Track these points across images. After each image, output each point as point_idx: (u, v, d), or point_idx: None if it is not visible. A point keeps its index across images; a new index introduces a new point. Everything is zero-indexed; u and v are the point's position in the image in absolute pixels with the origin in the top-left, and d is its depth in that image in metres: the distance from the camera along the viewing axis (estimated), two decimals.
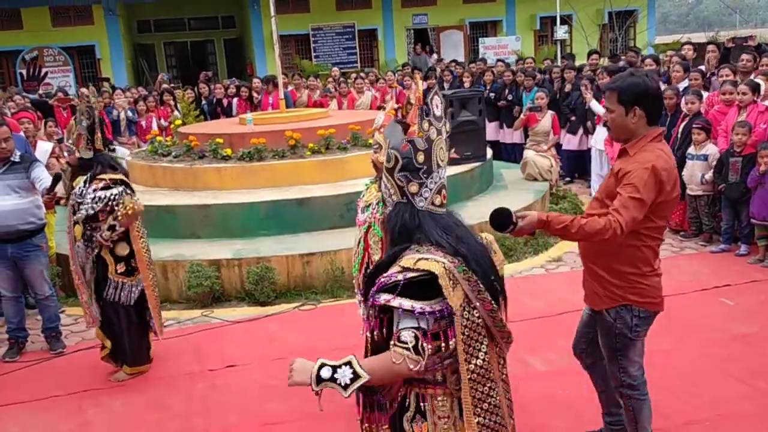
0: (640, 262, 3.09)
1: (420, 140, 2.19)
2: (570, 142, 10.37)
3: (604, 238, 2.89)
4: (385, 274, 2.14)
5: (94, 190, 4.64)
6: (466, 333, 2.13)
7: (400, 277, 2.09)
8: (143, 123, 11.62)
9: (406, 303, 2.08)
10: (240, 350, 5.25)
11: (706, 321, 5.25)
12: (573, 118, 10.13)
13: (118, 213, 4.64)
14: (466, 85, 11.79)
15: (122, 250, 4.78)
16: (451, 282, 2.09)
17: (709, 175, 7.01)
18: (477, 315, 2.16)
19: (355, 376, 2.06)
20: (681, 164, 7.36)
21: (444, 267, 2.10)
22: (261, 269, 6.19)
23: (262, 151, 7.69)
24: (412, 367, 2.07)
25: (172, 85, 15.23)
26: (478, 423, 2.16)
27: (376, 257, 3.61)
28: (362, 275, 3.73)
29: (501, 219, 2.85)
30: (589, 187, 9.71)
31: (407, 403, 2.25)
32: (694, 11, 70.83)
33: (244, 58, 21.97)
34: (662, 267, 3.23)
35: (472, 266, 2.16)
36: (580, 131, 10.12)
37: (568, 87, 10.49)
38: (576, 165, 10.62)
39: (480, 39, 21.11)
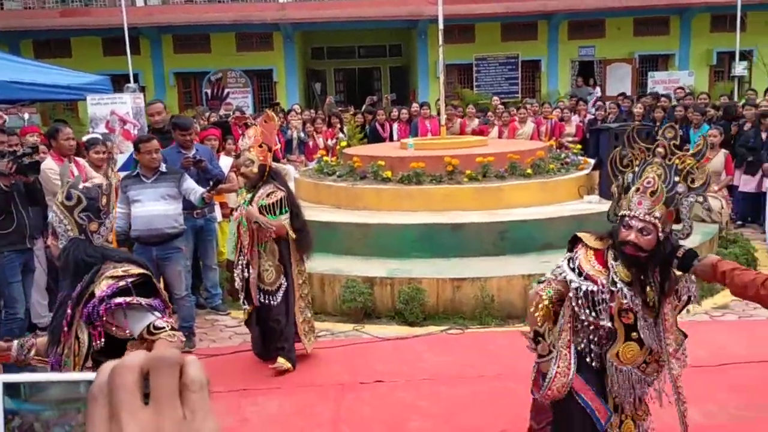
0: None
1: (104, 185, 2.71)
2: (747, 183, 9.71)
3: None
4: (100, 289, 2.46)
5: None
6: None
7: (122, 283, 2.46)
8: (311, 143, 12.33)
9: (145, 300, 2.51)
10: (388, 367, 5.39)
11: None
12: (750, 158, 9.47)
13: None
14: (637, 118, 11.38)
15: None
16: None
17: None
18: None
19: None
20: None
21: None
22: (412, 290, 6.33)
23: (421, 175, 7.88)
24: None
25: (340, 108, 16.00)
26: None
27: (245, 242, 5.13)
28: (237, 257, 5.26)
29: (685, 259, 2.86)
30: (764, 232, 9.01)
31: None
32: None
33: (408, 86, 22.55)
34: None
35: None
36: (759, 172, 9.45)
37: (747, 125, 9.85)
38: (751, 208, 9.90)
39: (649, 73, 20.27)
